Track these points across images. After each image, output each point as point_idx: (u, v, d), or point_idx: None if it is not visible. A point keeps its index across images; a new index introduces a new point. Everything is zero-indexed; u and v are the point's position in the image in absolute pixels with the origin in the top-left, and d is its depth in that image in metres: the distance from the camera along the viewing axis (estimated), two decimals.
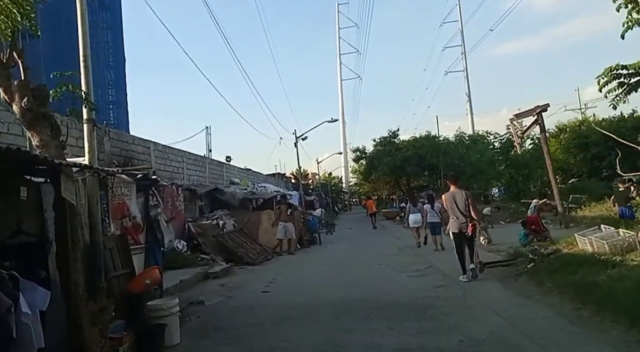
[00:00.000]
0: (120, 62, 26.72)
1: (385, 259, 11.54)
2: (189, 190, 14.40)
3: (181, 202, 13.41)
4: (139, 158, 15.21)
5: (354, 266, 10.72)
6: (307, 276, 9.78)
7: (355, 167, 60.65)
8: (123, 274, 6.06)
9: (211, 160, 24.28)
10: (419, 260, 10.96)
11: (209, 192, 15.92)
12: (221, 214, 14.14)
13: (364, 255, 12.84)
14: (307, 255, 14.03)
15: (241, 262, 12.01)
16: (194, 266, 11.23)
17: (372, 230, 24.72)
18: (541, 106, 15.46)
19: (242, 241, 13.02)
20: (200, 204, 15.18)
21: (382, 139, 39.44)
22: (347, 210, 65.58)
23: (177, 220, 12.50)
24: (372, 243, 16.41)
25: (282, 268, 11.30)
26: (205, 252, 12.11)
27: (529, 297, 6.30)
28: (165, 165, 17.17)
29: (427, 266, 9.73)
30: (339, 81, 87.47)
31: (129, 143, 14.71)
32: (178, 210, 12.83)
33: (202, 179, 20.68)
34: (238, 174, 27.67)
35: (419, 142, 35.18)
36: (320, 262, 12.26)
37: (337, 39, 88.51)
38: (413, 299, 6.67)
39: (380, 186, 48.39)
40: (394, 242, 16.17)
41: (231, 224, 14.02)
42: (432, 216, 12.81)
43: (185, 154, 19.22)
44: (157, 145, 16.70)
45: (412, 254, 12.43)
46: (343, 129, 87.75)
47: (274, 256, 13.62)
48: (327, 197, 46.84)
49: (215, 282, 9.61)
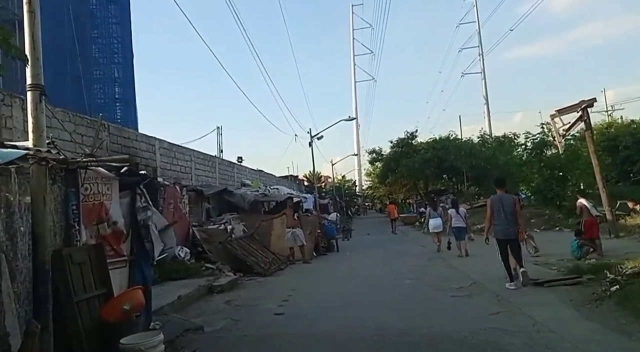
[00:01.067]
0: (128, 58, 25.59)
1: (416, 271, 10.03)
2: (195, 191, 13.08)
3: (185, 205, 12.07)
4: (143, 156, 13.93)
5: (382, 280, 9.21)
6: (328, 292, 8.32)
7: (370, 170, 59.26)
8: (96, 295, 4.67)
9: (221, 160, 22.96)
10: (456, 273, 9.44)
11: (217, 194, 14.56)
12: (230, 218, 12.76)
13: (391, 266, 11.34)
14: (325, 264, 12.53)
15: (251, 273, 10.61)
16: (198, 276, 9.86)
17: (392, 236, 23.29)
18: (587, 101, 13.84)
19: (252, 249, 11.61)
20: (207, 207, 13.84)
21: (399, 140, 37.88)
22: (361, 214, 63.94)
23: (181, 224, 11.15)
24: (396, 251, 14.88)
25: (298, 281, 9.84)
26: (210, 260, 10.73)
27: (628, 334, 4.75)
28: (172, 164, 15.88)
29: (470, 283, 8.19)
30: (353, 83, 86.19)
31: (131, 139, 13.43)
32: (182, 213, 11.48)
33: (211, 180, 19.37)
34: (250, 176, 26.32)
35: (439, 144, 33.53)
36: (341, 274, 10.77)
37: (351, 40, 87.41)
38: (469, 331, 5.15)
39: (396, 189, 46.75)
40: (420, 251, 14.65)
41: (241, 229, 12.63)
42: (458, 221, 12.54)
43: (193, 152, 17.91)
44: (162, 143, 15.42)
45: (445, 265, 10.91)
46: (357, 131, 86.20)
47: (287, 265, 12.18)
48: (341, 201, 45.34)
49: (219, 298, 8.20)
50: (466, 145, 25.81)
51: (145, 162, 13.99)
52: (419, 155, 33.75)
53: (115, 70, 26.73)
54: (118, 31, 26.11)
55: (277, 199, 16.10)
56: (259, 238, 12.58)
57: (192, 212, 12.93)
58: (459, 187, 35.82)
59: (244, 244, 11.60)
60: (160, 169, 15.06)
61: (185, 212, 11.73)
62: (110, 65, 26.53)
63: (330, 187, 55.29)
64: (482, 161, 23.17)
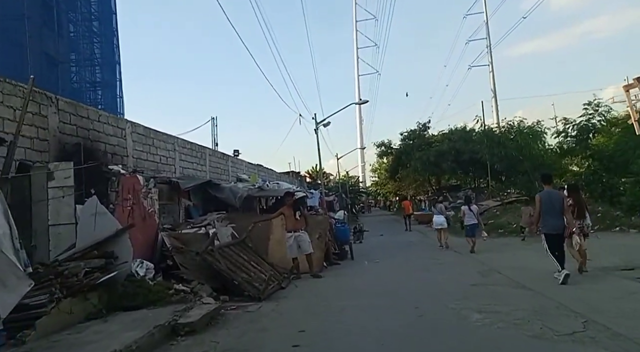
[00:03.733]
0: (109, 35, 22.44)
1: (476, 295, 6.94)
2: (168, 183, 10.04)
3: (154, 201, 9.02)
4: (109, 142, 10.91)
5: (433, 314, 6.12)
6: (357, 333, 5.27)
7: (375, 165, 56.11)
8: None
9: (213, 151, 19.82)
10: (543, 301, 6.37)
11: (201, 188, 11.49)
12: (213, 219, 9.69)
13: (432, 284, 8.30)
14: (341, 281, 9.40)
15: (240, 295, 7.59)
16: (162, 304, 6.85)
17: (409, 236, 20.39)
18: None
19: (243, 260, 8.57)
20: (187, 205, 10.78)
21: (410, 132, 34.92)
22: (365, 212, 60.84)
23: (144, 228, 8.12)
24: (426, 259, 11.83)
25: (307, 310, 6.77)
26: (184, 279, 7.70)
27: None
28: (149, 153, 12.82)
29: (582, 321, 5.14)
30: (356, 77, 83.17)
31: (92, 120, 10.41)
32: (145, 212, 8.44)
33: (200, 173, 16.28)
34: (247, 170, 23.22)
35: (456, 135, 30.52)
36: (367, 296, 7.67)
37: (355, 32, 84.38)
38: None
39: (406, 185, 43.68)
40: (458, 259, 11.62)
41: (228, 234, 9.58)
42: (470, 218, 12.57)
43: (177, 141, 14.84)
44: (136, 127, 12.41)
45: (511, 283, 7.83)
46: (360, 127, 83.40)
47: (290, 281, 9.12)
48: (346, 198, 42.29)
49: (184, 349, 5.18)
50: (493, 133, 22.68)
51: (111, 150, 10.95)
52: (434, 147, 30.76)
53: (95, 52, 23.71)
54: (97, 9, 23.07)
55: (276, 194, 12.99)
56: (252, 245, 9.52)
57: (164, 212, 9.90)
58: (477, 182, 32.78)
59: (232, 254, 8.54)
60: (133, 159, 12.00)
61: (152, 210, 8.69)
62: (91, 46, 23.48)
63: (334, 183, 52.21)
64: (513, 151, 20.13)
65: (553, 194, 7.85)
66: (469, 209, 12.75)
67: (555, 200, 7.64)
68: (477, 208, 13.54)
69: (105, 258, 7.03)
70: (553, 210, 7.58)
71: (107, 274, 6.81)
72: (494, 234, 16.31)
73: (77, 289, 6.33)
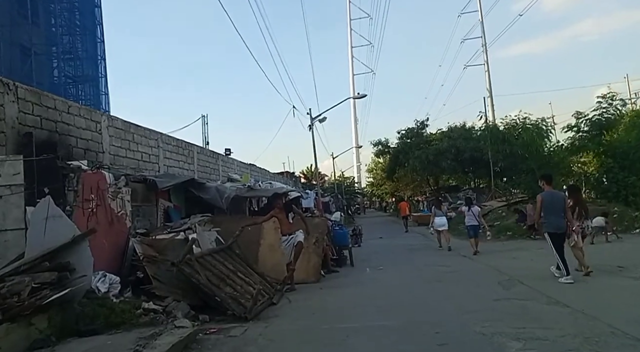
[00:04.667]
0: (90, 27, 21.09)
1: (500, 313, 5.76)
2: (143, 182, 8.83)
3: (125, 203, 7.80)
4: (81, 136, 9.67)
5: (453, 334, 4.94)
6: None
7: (371, 165, 54.98)
8: None
9: (201, 149, 18.52)
10: (583, 320, 5.24)
11: (182, 188, 10.27)
12: (195, 222, 8.46)
13: (445, 296, 7.14)
14: (342, 293, 8.11)
15: (224, 314, 6.40)
16: (126, 328, 5.65)
17: (409, 239, 19.31)
18: None
19: (228, 271, 7.36)
20: (166, 206, 9.55)
21: (408, 130, 33.77)
22: (361, 213, 59.69)
23: (110, 234, 6.90)
24: (434, 266, 10.66)
25: (303, 336, 5.55)
26: (156, 295, 6.49)
27: None
28: (129, 150, 11.58)
29: None
30: (351, 75, 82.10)
31: (60, 112, 9.18)
32: (114, 215, 7.22)
33: (188, 172, 15.02)
34: (239, 170, 21.93)
35: (456, 133, 29.44)
36: (374, 315, 6.44)
37: (349, 31, 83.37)
38: None
39: (403, 185, 42.55)
40: (470, 266, 10.49)
41: (212, 239, 8.35)
42: (470, 219, 12.55)
43: (162, 137, 13.57)
44: (113, 121, 11.19)
45: (540, 298, 6.65)
46: (355, 127, 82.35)
47: (283, 294, 7.92)
48: (342, 199, 41.10)
49: None
50: (498, 130, 21.56)
51: (84, 145, 9.71)
52: (432, 146, 29.66)
53: (77, 46, 22.35)
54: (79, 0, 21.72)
55: (267, 194, 11.75)
56: (240, 252, 8.31)
57: (139, 215, 8.66)
58: (476, 182, 31.73)
59: (215, 264, 7.33)
60: (110, 156, 10.74)
61: (122, 213, 7.46)
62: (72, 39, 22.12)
63: (329, 184, 51.03)
64: (519, 149, 19.03)
65: (555, 194, 7.99)
66: (468, 210, 12.78)
67: (558, 200, 7.77)
68: (479, 209, 13.52)
69: (59, 271, 5.80)
70: (556, 210, 7.67)
71: (60, 290, 5.60)
72: (503, 236, 15.23)
73: (17, 311, 5.12)
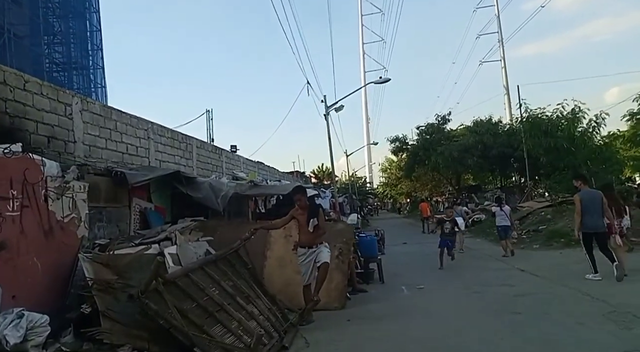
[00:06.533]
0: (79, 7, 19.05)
1: None
2: (111, 175, 6.57)
3: (76, 203, 5.54)
4: (43, 120, 7.50)
5: None
6: None
7: (385, 164, 52.47)
8: None
9: (201, 143, 16.26)
10: None
11: (165, 184, 7.95)
12: (175, 230, 6.14)
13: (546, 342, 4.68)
14: (379, 331, 5.53)
15: None
16: None
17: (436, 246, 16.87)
18: None
19: (222, 296, 5.06)
20: (142, 208, 7.26)
21: (428, 125, 31.36)
22: (374, 214, 57.15)
23: (51, 249, 4.64)
24: (493, 286, 8.13)
25: None
26: (106, 342, 4.22)
27: None
28: (110, 140, 9.37)
29: None
30: (362, 73, 79.87)
31: (13, 87, 7.01)
32: (55, 222, 4.95)
33: (186, 169, 12.77)
34: (245, 168, 19.64)
35: (482, 127, 26.97)
36: None
37: (360, 27, 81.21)
38: None
39: (421, 185, 40.08)
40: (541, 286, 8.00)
41: (201, 252, 6.03)
42: (502, 219, 12.19)
43: (153, 126, 11.33)
44: (90, 104, 9.02)
45: None
46: (367, 126, 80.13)
47: (297, 331, 5.62)
48: (356, 199, 38.73)
49: None
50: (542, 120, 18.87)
51: (49, 132, 7.51)
52: (456, 141, 27.24)
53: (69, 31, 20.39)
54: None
55: (276, 191, 9.32)
56: (249, 260, 5.98)
57: (102, 220, 6.40)
58: (503, 181, 29.21)
59: (204, 287, 5.02)
60: (84, 146, 8.52)
61: (71, 218, 5.21)
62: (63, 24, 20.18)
63: (342, 184, 48.66)
64: (564, 142, 16.48)
65: (593, 193, 7.95)
66: (500, 210, 12.28)
67: (596, 199, 7.72)
68: (509, 208, 13.02)
69: None
70: (594, 209, 7.63)
71: None
72: (557, 243, 12.76)
73: None
